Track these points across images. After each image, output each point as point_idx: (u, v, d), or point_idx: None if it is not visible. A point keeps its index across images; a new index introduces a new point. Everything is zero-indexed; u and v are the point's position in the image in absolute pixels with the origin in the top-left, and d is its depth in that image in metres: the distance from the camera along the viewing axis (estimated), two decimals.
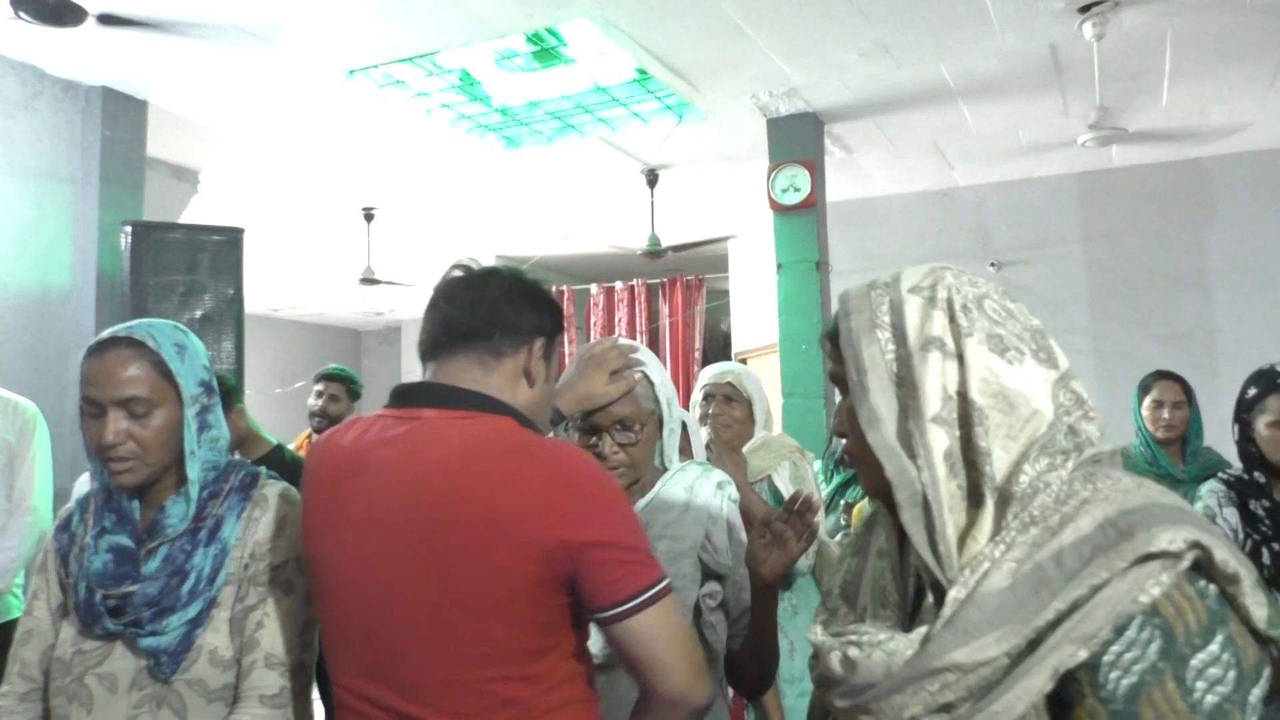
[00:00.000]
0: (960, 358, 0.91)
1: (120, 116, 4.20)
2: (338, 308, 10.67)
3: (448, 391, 1.25)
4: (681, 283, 7.44)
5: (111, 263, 4.03)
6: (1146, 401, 3.12)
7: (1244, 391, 2.34)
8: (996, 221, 5.96)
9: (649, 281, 7.54)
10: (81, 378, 1.42)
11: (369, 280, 6.41)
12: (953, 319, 0.92)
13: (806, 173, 4.64)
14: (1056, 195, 5.82)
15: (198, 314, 3.79)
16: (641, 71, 4.35)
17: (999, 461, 0.88)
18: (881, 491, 0.93)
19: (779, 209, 4.69)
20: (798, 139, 4.70)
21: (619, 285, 7.60)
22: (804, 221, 4.70)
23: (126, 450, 1.37)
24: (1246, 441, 2.32)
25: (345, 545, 1.21)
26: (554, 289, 7.73)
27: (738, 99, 4.50)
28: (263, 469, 1.53)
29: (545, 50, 4.11)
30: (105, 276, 4.05)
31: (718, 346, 8.77)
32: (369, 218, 6.25)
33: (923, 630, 0.85)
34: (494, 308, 1.27)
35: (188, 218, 5.29)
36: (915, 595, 0.97)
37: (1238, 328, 5.35)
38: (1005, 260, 5.91)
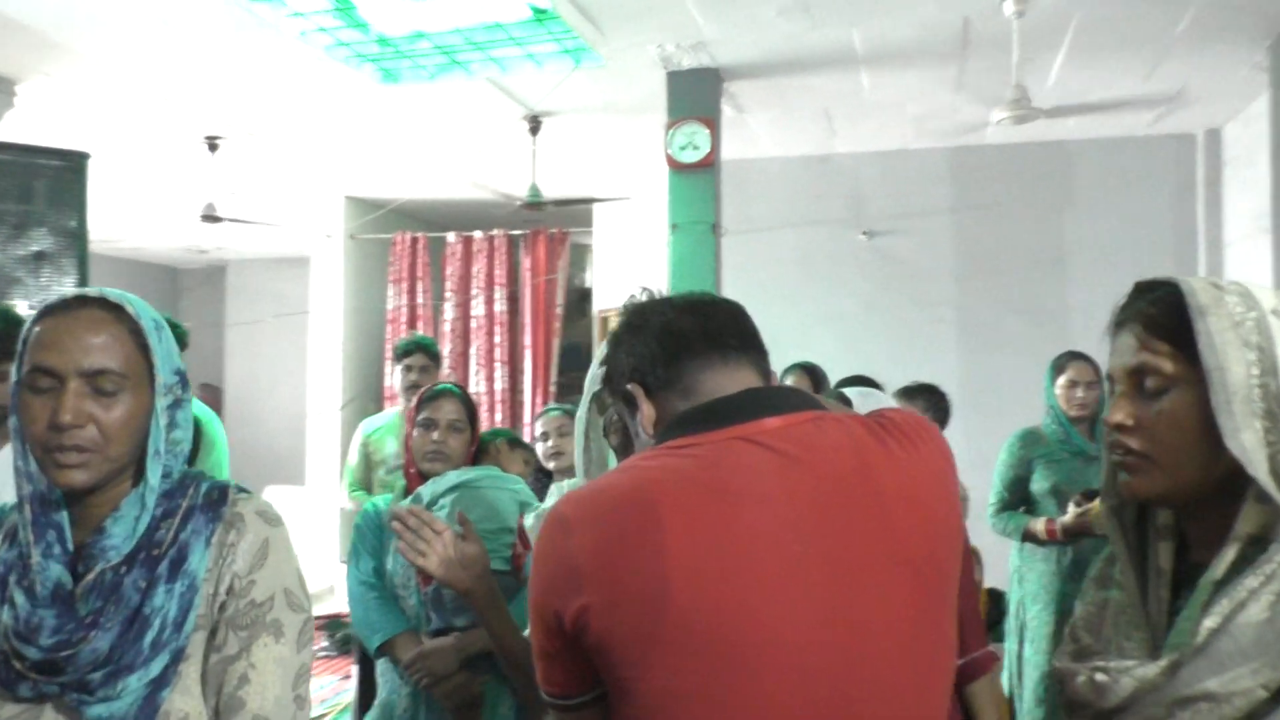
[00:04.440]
0: None
1: None
2: (154, 242, 9.75)
3: (799, 395, 1.08)
4: (545, 236, 7.17)
5: None
6: (1061, 381, 3.19)
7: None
8: (871, 191, 6.02)
9: (510, 233, 7.23)
10: (30, 342, 1.11)
11: (211, 217, 5.81)
12: None
13: (707, 130, 4.50)
14: (930, 168, 5.93)
15: (33, 249, 3.27)
16: (538, 10, 4.06)
17: None
18: (1167, 496, 0.92)
19: (676, 167, 4.53)
20: (698, 95, 4.54)
21: (478, 235, 7.25)
22: (701, 181, 4.56)
23: (85, 437, 1.08)
24: None
25: (792, 578, 0.93)
26: (405, 237, 7.30)
27: (642, 48, 4.29)
28: (230, 480, 1.23)
29: None
30: None
31: (574, 302, 8.57)
32: (213, 147, 5.65)
33: (1172, 657, 0.86)
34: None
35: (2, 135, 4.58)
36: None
37: (1090, 305, 5.63)
38: (877, 230, 5.99)
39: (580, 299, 9.05)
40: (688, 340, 1.08)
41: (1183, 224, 5.59)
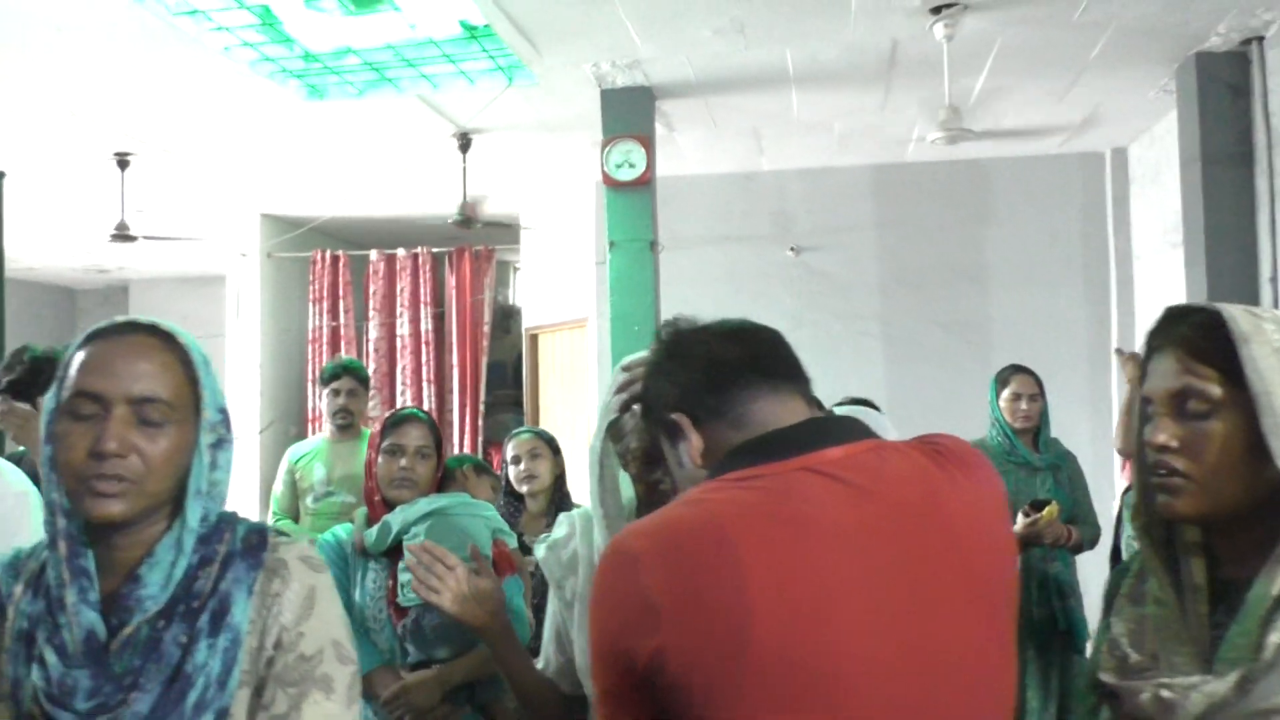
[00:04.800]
0: None
1: None
2: (51, 261, 9.31)
3: (857, 424, 1.05)
4: (470, 253, 7.09)
5: None
6: (1005, 394, 3.27)
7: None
8: (797, 207, 6.11)
9: (434, 250, 7.12)
10: (75, 367, 1.05)
11: (123, 235, 5.57)
12: None
13: (642, 149, 4.50)
14: (854, 185, 6.05)
15: None
16: (468, 26, 4.03)
17: None
18: (1207, 515, 0.96)
19: (613, 184, 4.53)
20: (632, 113, 4.54)
21: (401, 252, 7.12)
22: (638, 199, 4.56)
23: (126, 467, 1.02)
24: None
25: (894, 620, 0.91)
26: (324, 255, 7.13)
27: (577, 66, 4.27)
28: (268, 524, 1.19)
29: None
30: None
31: (498, 319, 8.48)
32: (123, 164, 5.42)
33: (1240, 672, 0.88)
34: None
35: None
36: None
37: (1008, 318, 5.81)
38: (804, 245, 6.08)
39: (504, 316, 8.97)
40: (735, 369, 1.05)
41: (1093, 239, 5.81)
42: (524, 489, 3.00)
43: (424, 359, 7.07)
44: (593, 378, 6.16)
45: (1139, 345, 4.43)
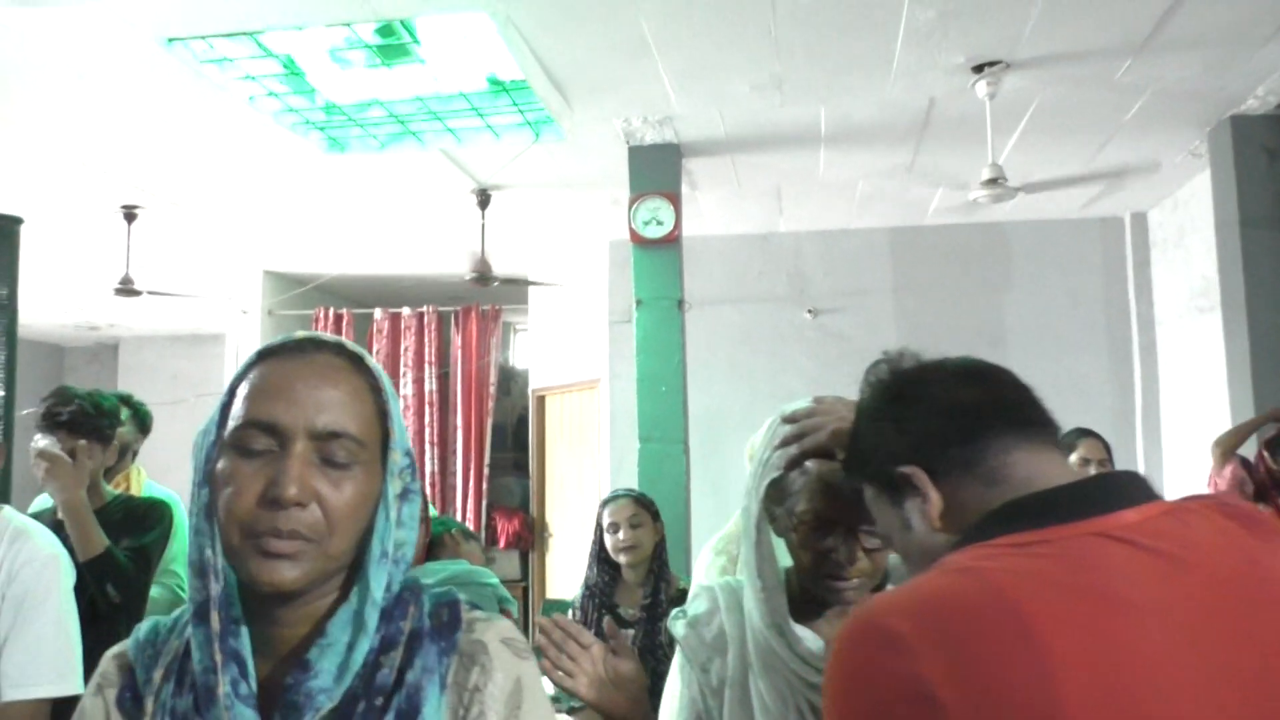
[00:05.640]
0: None
1: None
2: (40, 318, 9.10)
3: (1143, 482, 0.90)
4: (477, 312, 6.96)
5: None
6: (1073, 459, 3.14)
7: None
8: (813, 268, 6.04)
9: (440, 309, 6.99)
10: (245, 390, 0.86)
11: (127, 290, 5.41)
12: None
13: (670, 205, 4.42)
14: (871, 247, 5.99)
15: None
16: (495, 81, 3.95)
17: None
18: None
19: (640, 241, 4.42)
20: (659, 170, 4.46)
21: (407, 311, 6.98)
22: (666, 256, 4.46)
23: (306, 521, 0.81)
24: None
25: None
26: (327, 312, 6.98)
27: (607, 122, 4.20)
28: (459, 594, 0.93)
29: (393, 45, 3.61)
30: None
31: (501, 381, 8.32)
32: (130, 217, 5.29)
33: None
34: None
35: None
36: None
37: (1030, 383, 5.69)
38: (821, 308, 5.99)
39: (505, 378, 8.81)
40: (983, 416, 0.92)
41: (1114, 303, 5.75)
42: (623, 559, 2.79)
43: (426, 420, 6.89)
44: (605, 440, 6.01)
45: (1163, 408, 4.36)
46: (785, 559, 1.26)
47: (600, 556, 2.84)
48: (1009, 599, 0.75)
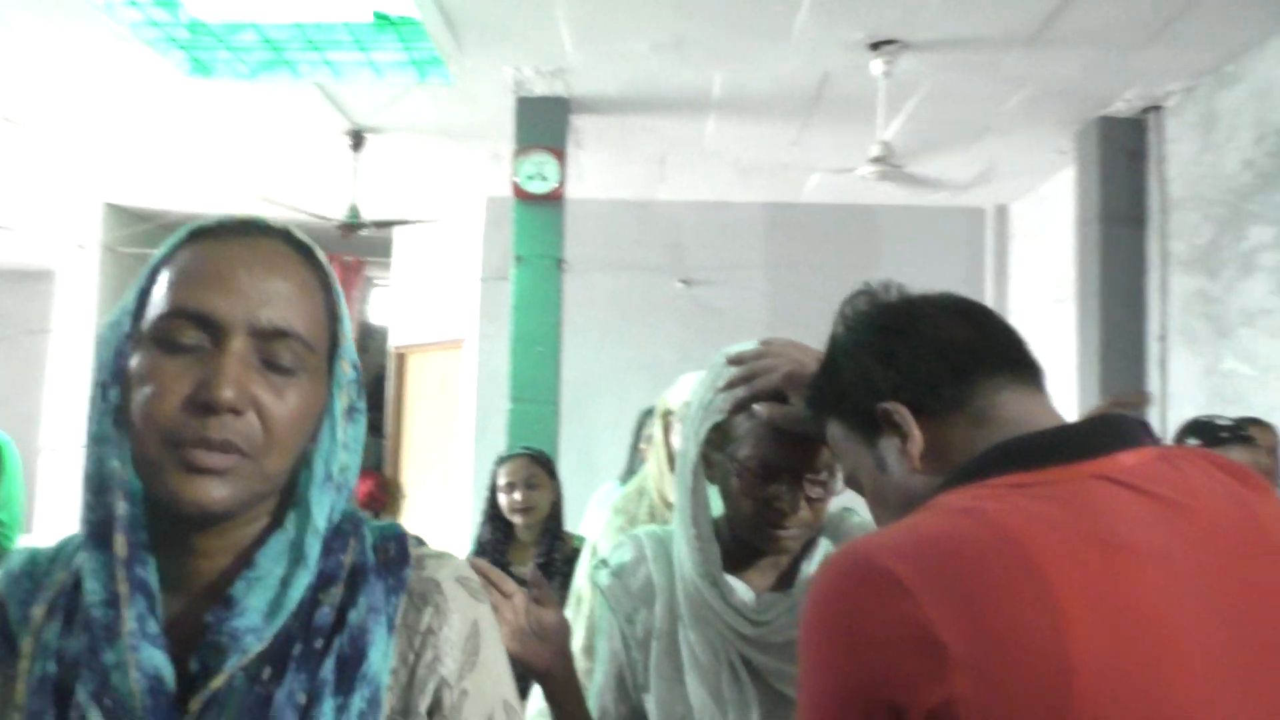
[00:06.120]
0: None
1: None
2: None
3: (1140, 424, 0.85)
4: (340, 263, 6.65)
5: None
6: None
7: None
8: (690, 239, 6.03)
9: None
10: (174, 272, 0.71)
11: None
12: None
13: (556, 161, 4.30)
14: (747, 221, 6.03)
15: None
16: (382, 16, 3.75)
17: None
18: None
19: (524, 197, 4.30)
20: (546, 124, 4.34)
21: None
22: (549, 214, 4.35)
23: (242, 431, 0.68)
24: None
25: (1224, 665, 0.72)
26: None
27: (497, 69, 4.05)
28: (404, 528, 0.81)
29: None
30: None
31: (360, 338, 8.01)
32: None
33: None
34: None
35: None
36: None
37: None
38: (695, 279, 6.00)
39: (363, 334, 8.49)
40: (976, 354, 0.86)
41: (973, 291, 5.96)
42: (518, 520, 2.67)
43: None
44: (470, 400, 5.85)
45: None
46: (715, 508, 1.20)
47: (493, 514, 2.73)
48: (1017, 542, 0.71)
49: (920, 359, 0.87)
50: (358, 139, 4.82)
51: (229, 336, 0.68)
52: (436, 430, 6.54)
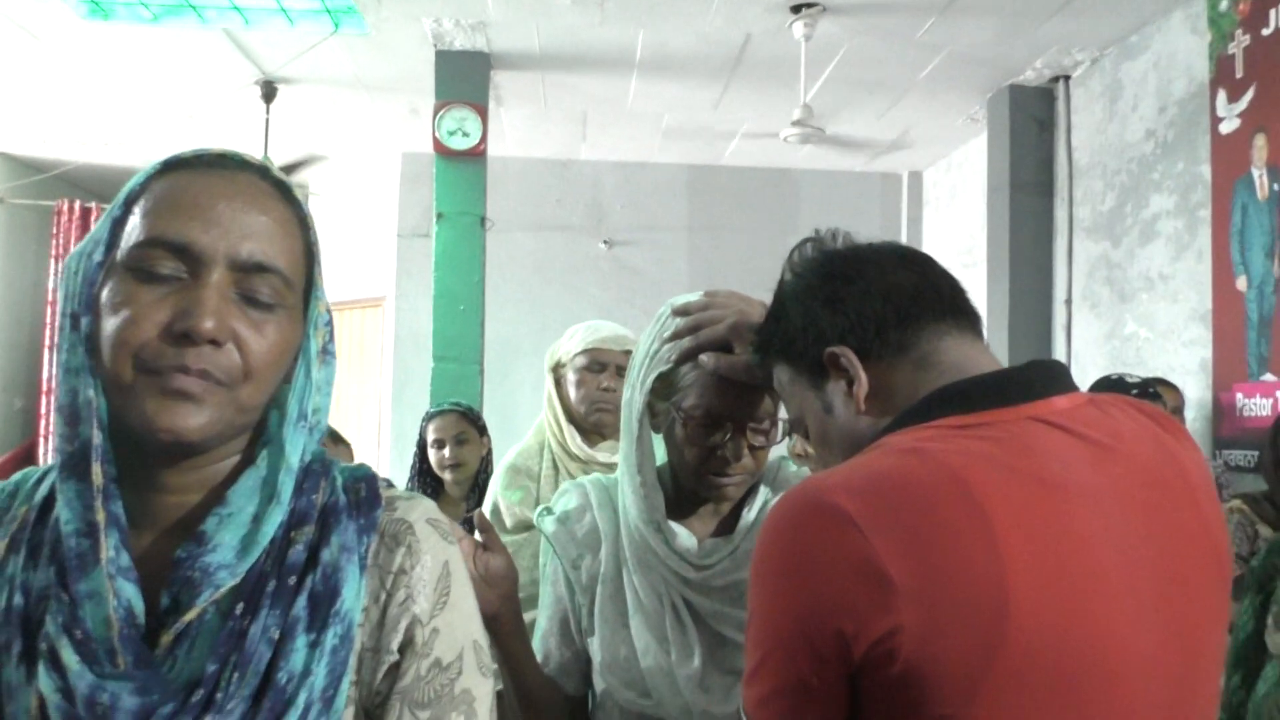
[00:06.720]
0: None
1: None
2: None
3: (1066, 371, 0.88)
4: None
5: None
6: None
7: None
8: (611, 200, 6.02)
9: None
10: (150, 201, 0.70)
11: None
12: None
13: (478, 117, 4.23)
14: (669, 183, 6.04)
15: None
16: None
17: None
18: None
19: (445, 153, 4.22)
20: (467, 79, 4.26)
21: None
22: (471, 170, 4.29)
23: (220, 363, 0.67)
24: None
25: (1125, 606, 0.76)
26: (72, 205, 6.24)
27: (416, 20, 3.95)
28: (373, 470, 0.82)
29: None
30: None
31: None
32: None
33: None
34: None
35: None
36: None
37: None
38: (616, 239, 6.00)
39: None
40: (920, 300, 0.89)
41: None
42: (447, 476, 2.64)
43: None
44: (388, 359, 5.77)
45: None
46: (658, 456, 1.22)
47: (422, 470, 2.71)
48: (961, 479, 0.74)
49: (866, 305, 0.89)
50: (269, 90, 4.66)
51: (209, 268, 0.68)
52: (354, 389, 6.43)
